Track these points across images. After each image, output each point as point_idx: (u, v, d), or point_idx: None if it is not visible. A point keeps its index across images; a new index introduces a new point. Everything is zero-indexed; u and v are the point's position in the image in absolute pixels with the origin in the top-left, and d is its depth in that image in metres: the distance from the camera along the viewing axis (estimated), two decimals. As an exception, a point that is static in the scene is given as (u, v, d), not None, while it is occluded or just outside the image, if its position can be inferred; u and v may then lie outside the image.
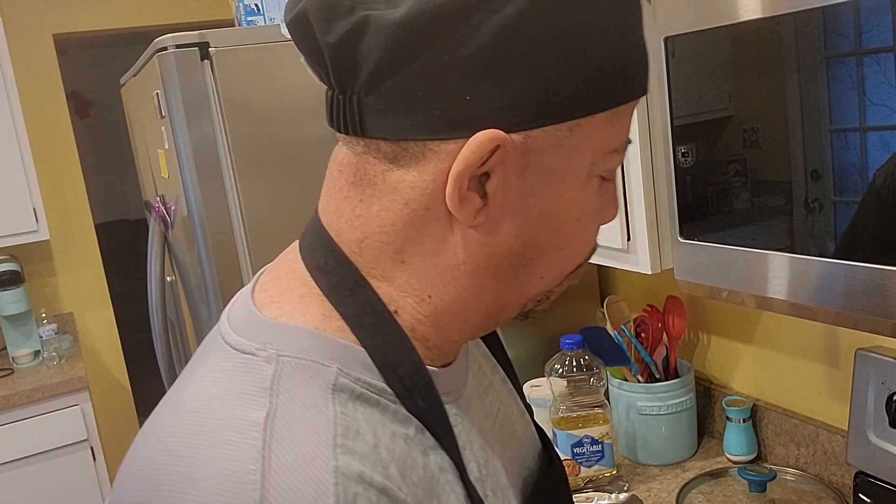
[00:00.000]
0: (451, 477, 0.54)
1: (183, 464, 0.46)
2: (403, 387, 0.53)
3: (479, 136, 0.49)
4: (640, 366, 1.62)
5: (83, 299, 3.33)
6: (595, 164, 0.53)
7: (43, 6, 3.16)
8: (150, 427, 0.52)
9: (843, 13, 0.75)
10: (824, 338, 1.41)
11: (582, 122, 0.51)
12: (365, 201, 0.54)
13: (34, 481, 2.76)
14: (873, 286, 0.78)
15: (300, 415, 0.48)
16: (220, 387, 0.50)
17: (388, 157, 0.52)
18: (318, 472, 0.45)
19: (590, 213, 0.55)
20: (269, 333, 0.52)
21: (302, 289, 0.55)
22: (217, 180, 1.54)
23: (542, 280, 0.56)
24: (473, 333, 0.59)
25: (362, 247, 0.54)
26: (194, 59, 1.51)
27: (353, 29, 0.49)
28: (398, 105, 0.50)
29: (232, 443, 0.46)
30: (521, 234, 0.53)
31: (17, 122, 2.83)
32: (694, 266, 1.02)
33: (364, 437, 0.48)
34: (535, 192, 0.52)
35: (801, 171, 0.83)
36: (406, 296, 0.54)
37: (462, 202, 0.51)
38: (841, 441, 1.37)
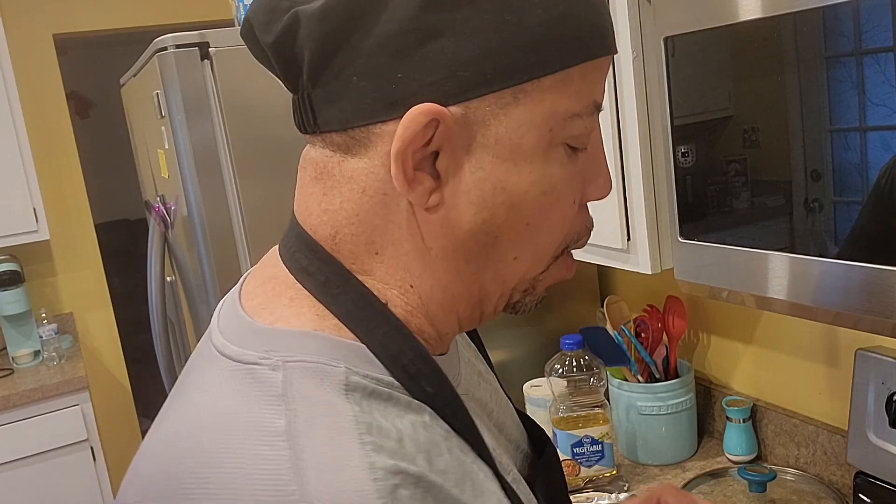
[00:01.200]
0: (474, 456, 0.54)
1: (212, 486, 0.45)
2: (408, 375, 0.52)
3: (411, 111, 0.48)
4: (640, 366, 1.62)
5: (83, 299, 3.33)
6: (554, 132, 0.51)
7: (43, 6, 3.16)
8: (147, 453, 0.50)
9: (843, 13, 0.75)
10: (824, 338, 1.41)
11: (526, 88, 0.49)
12: (328, 194, 0.53)
13: (34, 481, 2.76)
14: (873, 286, 0.78)
15: (320, 418, 0.47)
16: (231, 400, 0.48)
17: (340, 147, 0.52)
18: (355, 472, 0.44)
19: (558, 187, 0.53)
20: (268, 341, 0.51)
21: (290, 291, 0.54)
22: (217, 180, 1.54)
23: (516, 261, 0.54)
24: (462, 324, 0.58)
25: (337, 242, 0.54)
26: (194, 59, 1.51)
27: (287, 26, 0.49)
28: (339, 93, 0.50)
29: (260, 457, 0.45)
30: (479, 212, 0.51)
31: (17, 122, 2.83)
32: (694, 266, 1.02)
33: (387, 432, 0.48)
34: (486, 166, 0.51)
35: (801, 171, 0.83)
36: (390, 288, 0.54)
37: (411, 183, 0.50)
38: (841, 441, 1.37)
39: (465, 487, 0.50)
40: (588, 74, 0.52)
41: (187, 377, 0.55)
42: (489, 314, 0.58)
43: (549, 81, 0.50)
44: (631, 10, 1.11)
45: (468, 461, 0.52)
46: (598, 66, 0.53)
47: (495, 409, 0.66)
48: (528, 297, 0.58)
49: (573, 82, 0.51)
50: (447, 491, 0.47)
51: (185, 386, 0.54)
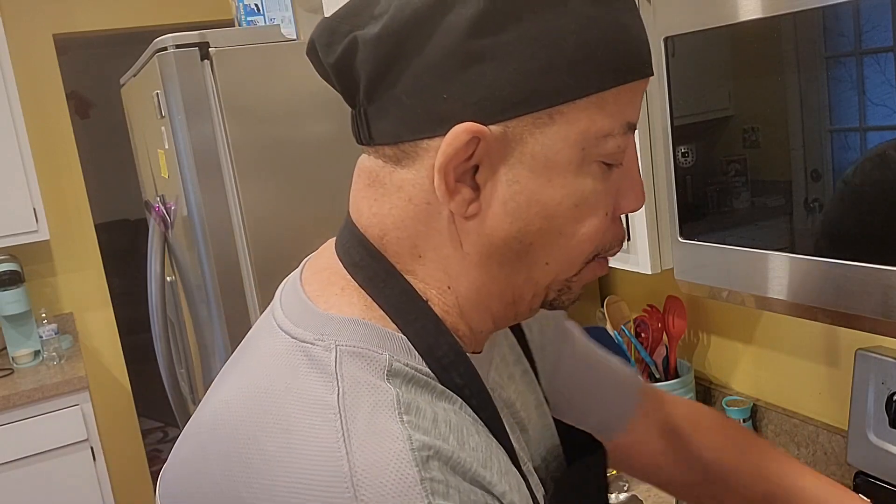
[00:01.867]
0: (497, 443, 0.58)
1: (262, 445, 0.51)
2: (441, 367, 0.57)
3: (454, 129, 0.52)
4: (640, 366, 1.62)
5: (83, 299, 3.34)
6: (587, 150, 0.55)
7: (43, 6, 3.16)
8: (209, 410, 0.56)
9: (843, 13, 0.75)
10: (824, 338, 1.41)
11: (562, 109, 0.53)
12: (378, 200, 0.58)
13: (34, 481, 2.76)
14: (873, 286, 0.78)
15: (366, 396, 0.52)
16: (283, 371, 0.54)
17: (391, 159, 0.57)
18: (395, 444, 0.49)
19: (591, 200, 0.56)
20: (323, 324, 0.56)
21: (341, 282, 0.59)
22: (217, 180, 1.54)
23: (548, 266, 0.58)
24: (496, 323, 0.62)
25: (384, 243, 0.59)
26: (194, 59, 1.51)
27: (347, 49, 0.55)
28: (391, 110, 0.55)
29: (312, 425, 0.50)
30: (514, 222, 0.55)
31: (17, 122, 2.83)
32: (694, 266, 1.02)
33: (424, 413, 0.52)
34: (522, 180, 0.54)
35: (801, 171, 0.83)
36: (430, 288, 0.59)
37: (452, 194, 0.54)
38: (841, 441, 1.37)
39: (491, 466, 0.54)
40: (622, 96, 0.55)
41: (248, 346, 0.61)
42: (524, 312, 0.62)
43: (583, 103, 0.53)
44: (631, 10, 1.11)
45: (493, 444, 0.57)
46: (633, 88, 0.56)
47: (521, 409, 0.70)
48: (565, 296, 0.61)
49: (607, 104, 0.54)
50: (474, 469, 0.52)
51: (245, 353, 0.60)
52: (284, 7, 1.85)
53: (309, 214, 1.60)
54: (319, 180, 1.61)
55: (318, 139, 1.60)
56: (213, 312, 1.59)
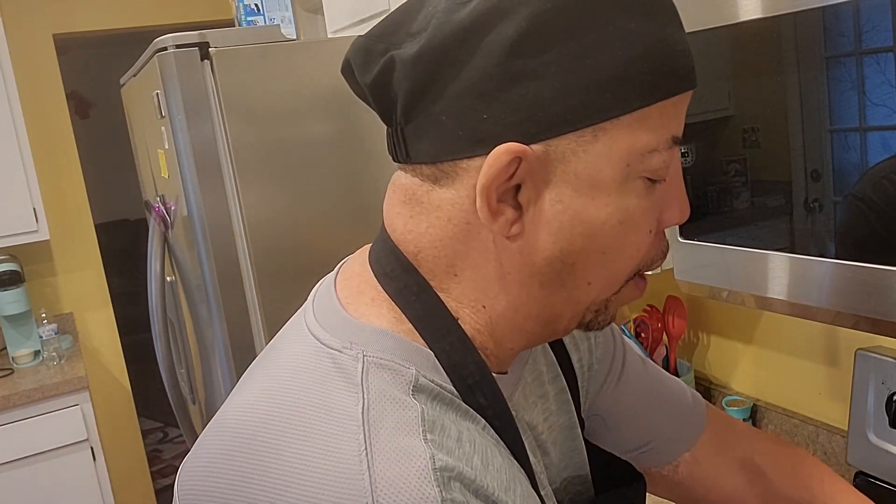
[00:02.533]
0: (519, 466, 0.57)
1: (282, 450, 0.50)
2: (466, 386, 0.56)
3: (496, 150, 0.51)
4: (640, 366, 1.62)
5: (83, 299, 3.34)
6: (631, 167, 0.54)
7: (43, 6, 3.16)
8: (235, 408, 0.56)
9: (843, 13, 0.75)
10: (824, 338, 1.41)
11: (606, 126, 0.52)
12: (415, 218, 0.58)
13: (34, 481, 2.76)
14: (873, 286, 0.78)
15: (391, 410, 0.51)
16: (310, 376, 0.54)
17: (430, 178, 0.56)
18: (418, 464, 0.48)
19: (635, 217, 0.55)
20: (352, 333, 0.56)
21: (372, 292, 0.59)
22: (217, 180, 1.54)
23: (590, 286, 0.57)
24: (530, 342, 0.61)
25: (418, 260, 0.58)
26: (194, 59, 1.51)
27: (384, 69, 0.54)
28: (430, 130, 0.54)
29: (334, 436, 0.50)
30: (557, 242, 0.54)
31: (17, 122, 2.83)
32: (694, 266, 1.02)
33: (448, 432, 0.52)
34: (565, 199, 0.53)
35: (801, 171, 0.83)
36: (463, 306, 0.58)
37: (494, 214, 0.53)
38: (841, 441, 1.37)
39: (513, 491, 0.53)
40: (666, 111, 0.54)
41: (277, 345, 0.60)
42: (560, 331, 0.61)
43: (626, 119, 0.52)
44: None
45: (515, 468, 0.56)
46: (676, 102, 0.55)
47: (544, 432, 0.69)
48: (601, 317, 0.60)
49: (651, 119, 0.53)
50: (497, 494, 0.51)
51: (273, 353, 0.60)
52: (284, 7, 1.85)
53: (309, 214, 1.60)
54: (319, 180, 1.61)
55: (319, 139, 1.60)
56: (213, 312, 1.59)
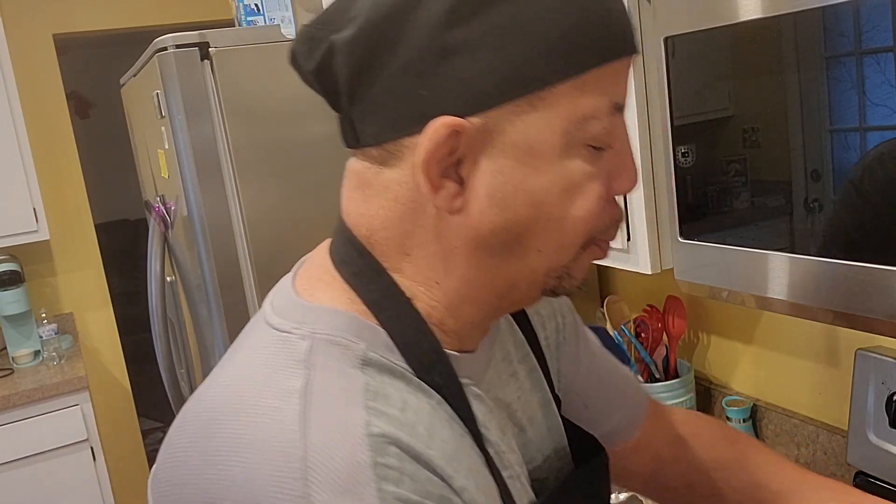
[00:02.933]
0: (472, 443, 0.58)
1: (230, 429, 0.51)
2: (421, 364, 0.57)
3: (432, 124, 0.52)
4: (640, 366, 1.62)
5: (83, 299, 3.33)
6: (571, 134, 0.54)
7: (43, 6, 3.16)
8: (195, 401, 0.57)
9: (843, 13, 0.75)
10: (824, 338, 1.41)
11: (542, 95, 0.52)
12: (366, 201, 0.58)
13: (34, 481, 2.76)
14: (873, 286, 0.78)
15: (334, 383, 0.52)
16: (260, 360, 0.55)
17: (377, 160, 0.57)
18: (353, 430, 0.50)
19: (580, 185, 0.55)
20: (303, 314, 0.57)
21: (328, 277, 0.60)
22: (217, 180, 1.54)
23: (540, 253, 0.57)
24: (490, 314, 0.61)
25: (371, 243, 0.59)
26: (194, 59, 1.51)
27: (325, 54, 0.55)
28: (374, 112, 0.55)
29: (275, 409, 0.51)
30: (501, 213, 0.54)
31: (17, 122, 2.83)
32: (694, 266, 1.02)
33: (392, 401, 0.53)
34: (507, 170, 0.54)
35: (801, 171, 0.83)
36: (417, 285, 0.58)
37: (436, 189, 0.54)
38: (841, 441, 1.37)
39: (457, 465, 0.54)
40: (604, 77, 0.54)
41: (237, 343, 0.62)
42: (523, 300, 0.61)
43: (564, 87, 0.52)
44: (631, 10, 1.11)
45: (467, 444, 0.57)
46: (615, 68, 0.55)
47: (520, 409, 0.69)
48: (566, 282, 0.60)
49: (588, 86, 0.53)
50: (435, 462, 0.52)
51: (233, 349, 0.61)
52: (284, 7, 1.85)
53: (309, 214, 1.60)
54: (319, 180, 1.61)
55: (318, 139, 1.60)
56: (213, 312, 1.59)
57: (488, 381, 0.65)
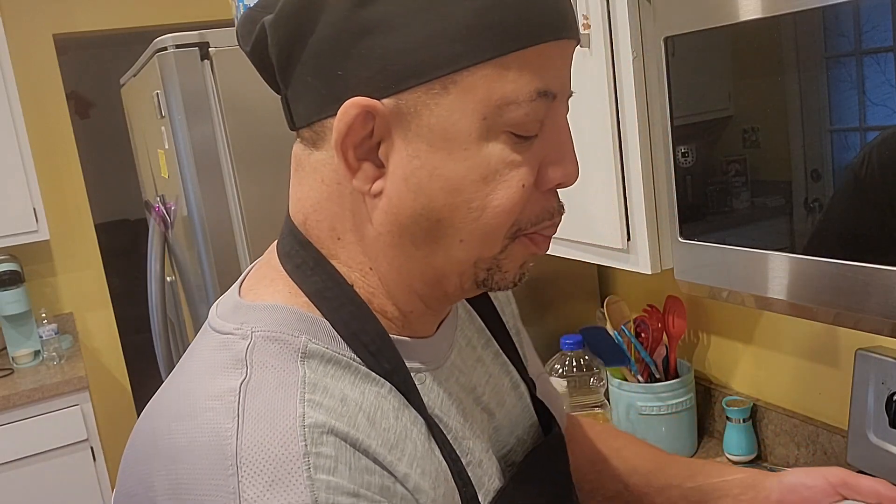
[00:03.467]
0: (424, 430, 0.57)
1: (173, 437, 0.51)
2: (368, 352, 0.56)
3: (343, 105, 0.51)
4: (640, 366, 1.62)
5: (83, 299, 3.33)
6: (489, 120, 0.52)
7: (43, 6, 3.16)
8: (144, 416, 0.57)
9: (843, 13, 0.75)
10: (824, 338, 1.41)
11: (455, 78, 0.51)
12: (301, 183, 0.59)
13: (34, 481, 2.76)
14: (873, 286, 0.78)
15: (271, 378, 0.52)
16: (203, 365, 0.55)
17: (309, 142, 0.57)
18: (286, 422, 0.49)
19: (500, 172, 0.53)
20: (245, 314, 0.57)
21: (272, 273, 0.60)
22: (217, 180, 1.54)
23: (463, 243, 0.55)
24: (427, 304, 0.60)
25: (307, 228, 0.59)
26: (194, 59, 1.51)
27: (258, 35, 0.55)
28: (302, 92, 0.55)
29: (212, 409, 0.51)
30: (418, 198, 0.53)
31: (17, 122, 2.83)
32: (694, 266, 1.02)
33: (331, 392, 0.52)
34: (422, 154, 0.53)
35: (801, 171, 0.83)
36: (353, 271, 0.58)
37: (354, 171, 0.54)
38: (841, 441, 1.37)
39: (400, 452, 0.53)
40: (528, 62, 0.52)
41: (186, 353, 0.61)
42: (454, 292, 0.59)
43: (480, 70, 0.51)
44: (631, 10, 1.11)
45: (415, 432, 0.56)
46: (542, 52, 0.52)
47: (486, 393, 0.68)
48: (497, 276, 0.58)
49: (509, 70, 0.51)
50: (375, 450, 0.52)
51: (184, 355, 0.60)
52: (284, 7, 1.85)
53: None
54: (319, 180, 1.60)
55: (318, 139, 1.60)
56: (213, 312, 1.59)
57: (450, 366, 0.64)
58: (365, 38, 0.50)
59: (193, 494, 0.48)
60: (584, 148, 1.24)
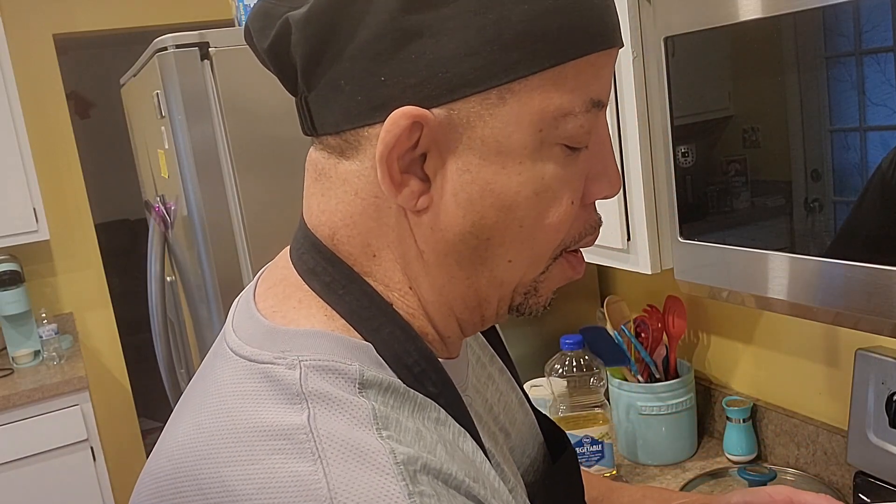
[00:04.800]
0: (481, 456, 0.53)
1: (229, 484, 0.45)
2: (412, 375, 0.52)
3: (392, 115, 0.47)
4: (640, 366, 1.62)
5: (83, 299, 3.33)
6: (545, 132, 0.49)
7: (43, 6, 3.16)
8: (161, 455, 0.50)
9: (843, 13, 0.75)
10: (824, 338, 1.41)
11: (513, 87, 0.48)
12: (325, 195, 0.54)
13: (34, 481, 2.76)
14: (873, 286, 0.78)
15: (339, 412, 0.47)
16: (243, 400, 0.48)
17: (335, 150, 0.52)
18: (378, 460, 0.44)
19: (553, 187, 0.51)
20: (283, 341, 0.51)
21: (298, 293, 0.54)
22: (217, 180, 1.54)
23: (511, 264, 0.53)
24: (464, 329, 0.57)
25: (335, 243, 0.54)
26: (194, 59, 1.51)
27: (280, 31, 0.50)
28: (331, 97, 0.50)
29: (280, 451, 0.45)
30: (468, 215, 0.50)
31: (17, 122, 2.83)
32: (694, 266, 1.01)
33: (405, 425, 0.48)
34: (473, 168, 0.49)
35: (801, 171, 0.83)
36: (391, 290, 0.54)
37: (398, 186, 0.49)
38: (841, 441, 1.37)
39: (483, 479, 0.50)
40: (583, 71, 0.50)
41: (202, 377, 0.54)
42: (491, 318, 0.57)
43: (537, 80, 0.48)
44: (631, 10, 1.11)
45: (478, 460, 0.52)
46: (595, 61, 0.50)
47: (501, 412, 0.66)
48: (532, 300, 0.56)
49: (565, 80, 0.49)
50: (467, 483, 0.48)
51: (200, 386, 0.53)
52: (284, 7, 1.85)
53: (309, 214, 1.60)
54: (319, 180, 1.60)
55: (318, 139, 1.60)
56: (213, 312, 1.59)
57: (472, 387, 0.62)
58: (413, 43, 0.47)
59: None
60: (584, 148, 1.24)
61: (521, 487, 0.62)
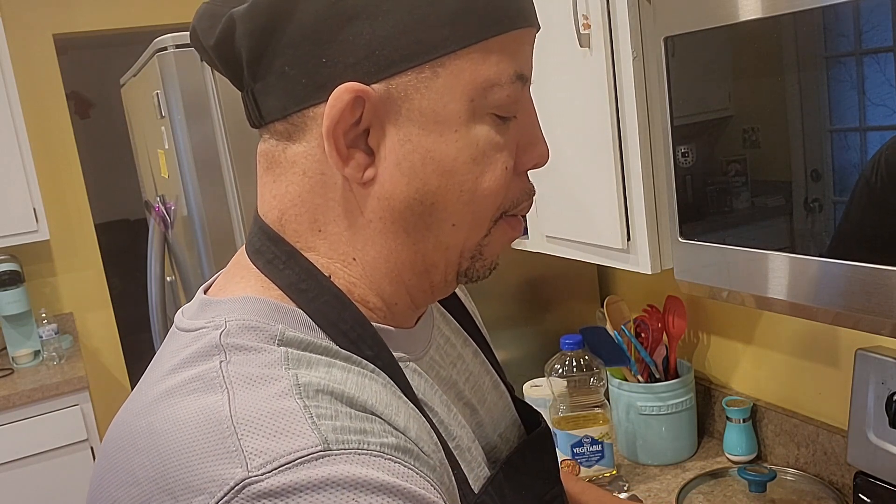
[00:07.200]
0: (412, 407, 0.56)
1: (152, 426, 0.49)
2: (348, 340, 0.56)
3: (335, 91, 0.52)
4: (640, 366, 1.62)
5: (83, 299, 3.33)
6: (476, 102, 0.54)
7: (43, 6, 3.16)
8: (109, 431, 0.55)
9: (843, 13, 0.75)
10: (824, 338, 1.41)
11: (444, 61, 0.53)
12: (277, 181, 0.58)
13: (34, 481, 2.76)
14: (873, 286, 0.78)
15: (252, 356, 0.51)
16: (174, 361, 0.53)
17: (283, 135, 0.56)
18: (279, 384, 0.49)
19: (488, 153, 0.55)
20: (214, 309, 0.56)
21: (243, 271, 0.59)
22: (217, 180, 1.54)
23: (455, 228, 0.57)
24: (413, 296, 0.61)
25: (283, 223, 0.58)
26: (194, 59, 1.51)
27: (225, 28, 0.54)
28: (276, 84, 0.54)
29: (194, 391, 0.49)
30: (411, 183, 0.54)
31: (17, 122, 2.83)
32: (694, 266, 1.02)
33: (316, 367, 0.51)
34: (413, 138, 0.54)
35: (801, 171, 0.83)
36: (334, 262, 0.57)
37: (345, 160, 0.53)
38: (841, 441, 1.37)
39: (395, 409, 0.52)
40: (507, 46, 0.55)
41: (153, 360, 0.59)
42: (440, 284, 0.60)
43: (466, 53, 0.53)
44: (631, 10, 1.11)
45: (404, 402, 0.55)
46: (517, 38, 0.55)
47: (467, 390, 0.68)
48: (478, 263, 0.60)
49: (491, 53, 0.54)
50: (371, 405, 0.51)
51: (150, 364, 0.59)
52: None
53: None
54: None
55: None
56: (213, 312, 1.59)
57: (429, 360, 0.64)
58: (350, 25, 0.51)
59: (186, 469, 0.46)
60: (585, 148, 1.24)
61: (476, 451, 0.64)
